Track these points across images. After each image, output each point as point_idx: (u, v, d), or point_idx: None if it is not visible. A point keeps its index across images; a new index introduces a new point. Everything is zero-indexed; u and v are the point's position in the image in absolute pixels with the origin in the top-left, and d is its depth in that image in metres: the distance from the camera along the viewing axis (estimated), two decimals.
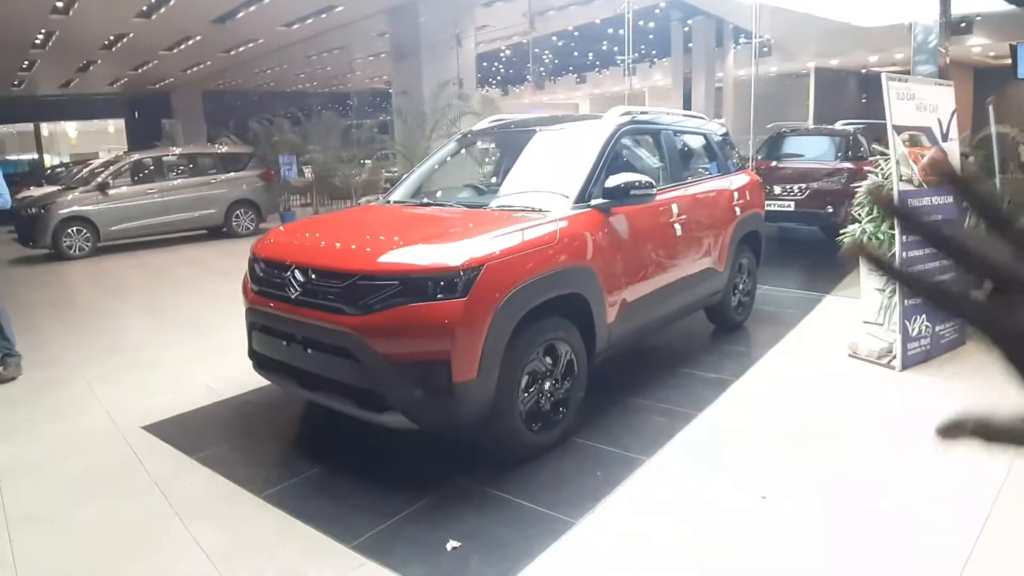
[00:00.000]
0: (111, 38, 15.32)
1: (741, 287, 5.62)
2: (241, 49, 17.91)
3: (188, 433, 4.02)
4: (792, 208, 9.25)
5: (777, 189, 9.25)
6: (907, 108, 4.67)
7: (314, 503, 3.16)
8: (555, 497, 3.08)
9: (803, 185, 9.15)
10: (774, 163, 9.86)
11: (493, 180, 4.71)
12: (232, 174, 13.16)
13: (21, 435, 4.13)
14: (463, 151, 5.04)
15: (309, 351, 3.38)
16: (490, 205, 3.91)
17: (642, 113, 4.70)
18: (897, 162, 4.47)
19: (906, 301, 4.50)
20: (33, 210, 11.45)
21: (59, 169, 19.09)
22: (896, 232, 4.47)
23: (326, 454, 3.71)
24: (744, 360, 4.86)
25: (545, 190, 3.91)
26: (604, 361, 3.95)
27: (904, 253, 4.48)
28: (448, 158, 4.99)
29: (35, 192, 13.07)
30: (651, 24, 17.53)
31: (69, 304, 8.01)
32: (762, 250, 5.95)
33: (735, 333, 5.53)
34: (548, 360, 3.44)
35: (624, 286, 3.93)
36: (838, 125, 10.60)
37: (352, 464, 3.57)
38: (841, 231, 5.52)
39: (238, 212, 13.14)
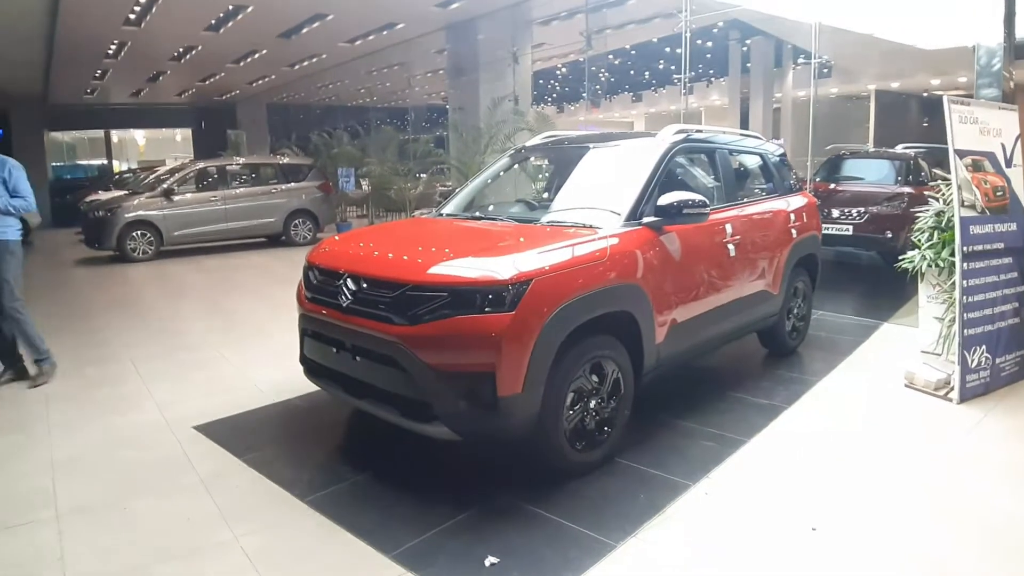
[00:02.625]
0: (180, 50, 15.93)
1: (796, 311, 5.49)
2: (304, 63, 18.41)
3: (237, 434, 4.12)
4: (850, 232, 9.01)
5: (835, 212, 9.04)
6: (970, 132, 4.52)
7: (357, 510, 3.19)
8: (597, 518, 3.04)
9: (862, 209, 8.92)
10: (832, 185, 9.64)
11: (545, 196, 4.72)
12: (292, 184, 13.52)
13: (77, 429, 4.29)
14: (516, 166, 5.06)
15: (358, 359, 3.43)
16: (541, 220, 3.91)
17: (697, 131, 4.65)
18: (959, 187, 4.31)
19: (966, 331, 4.32)
20: (100, 213, 11.98)
21: (127, 175, 19.88)
22: (957, 260, 4.30)
23: (371, 461, 3.74)
24: (797, 387, 4.73)
25: (597, 207, 3.89)
26: (652, 381, 3.89)
27: (965, 281, 4.31)
28: (501, 173, 5.02)
29: (102, 196, 13.65)
30: (709, 43, 17.40)
31: (130, 304, 8.29)
32: (819, 274, 5.81)
33: (788, 358, 5.39)
34: (594, 378, 3.41)
35: (674, 306, 3.87)
36: (899, 148, 10.32)
37: (396, 473, 3.59)
38: (901, 256, 5.35)
39: (296, 222, 13.46)
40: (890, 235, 8.63)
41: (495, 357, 2.95)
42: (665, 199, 3.75)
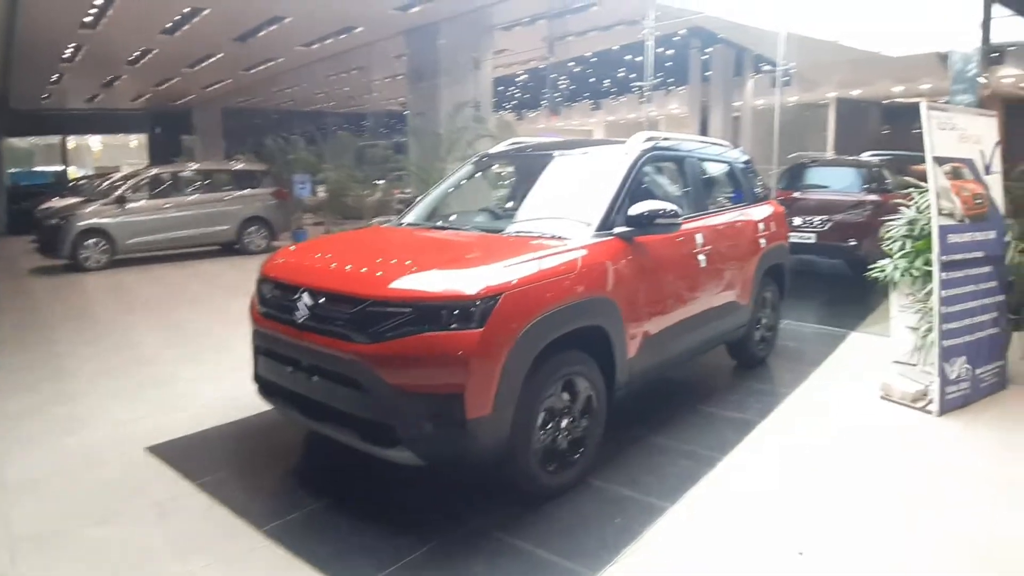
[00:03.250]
0: (137, 53, 15.45)
1: (764, 322, 5.42)
2: (261, 67, 18.02)
3: (192, 456, 3.91)
4: (814, 240, 9.04)
5: (798, 220, 9.04)
6: (949, 139, 4.48)
7: (316, 540, 2.99)
8: (572, 546, 2.88)
9: (825, 217, 8.95)
10: (796, 194, 9.68)
11: (511, 205, 4.56)
12: (246, 191, 13.17)
13: (32, 449, 4.09)
14: (480, 174, 4.89)
15: (315, 379, 3.22)
16: (507, 230, 3.75)
17: (665, 139, 4.55)
18: (937, 195, 4.27)
19: (945, 342, 4.27)
20: (53, 221, 11.54)
21: (82, 181, 19.23)
22: (935, 269, 4.26)
23: (332, 487, 3.54)
24: (769, 399, 4.64)
25: (565, 216, 3.74)
26: (624, 397, 3.76)
27: (944, 291, 4.27)
28: (464, 181, 4.85)
29: (56, 203, 13.14)
30: (669, 52, 17.47)
31: (85, 316, 7.98)
32: (787, 284, 5.75)
33: (757, 370, 5.31)
34: (566, 396, 3.26)
35: (646, 319, 3.74)
36: (864, 156, 10.41)
37: (358, 499, 3.38)
38: (870, 266, 5.32)
39: (251, 229, 13.12)
40: (854, 243, 8.67)
41: (463, 377, 2.77)
42: (636, 208, 3.62)
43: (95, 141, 33.57)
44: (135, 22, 13.09)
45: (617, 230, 3.63)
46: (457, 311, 2.83)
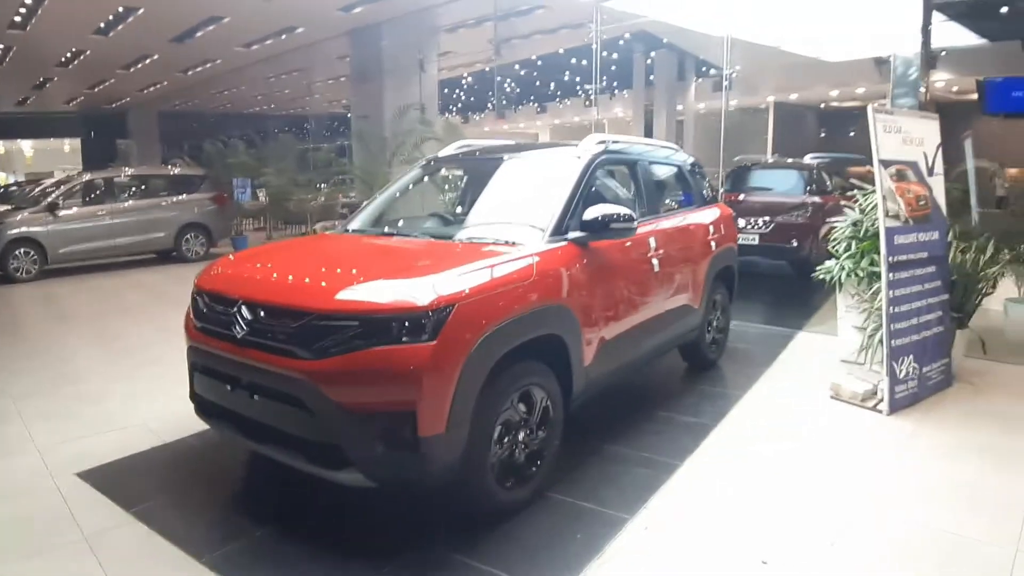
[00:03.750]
0: (68, 55, 14.76)
1: (715, 323, 5.43)
2: (199, 69, 17.45)
3: (126, 481, 3.67)
4: (756, 242, 9.17)
5: (742, 222, 9.15)
6: (894, 141, 4.55)
7: (259, 570, 2.82)
8: (533, 565, 2.77)
9: (768, 219, 9.09)
10: (739, 196, 9.81)
11: (460, 210, 4.44)
12: (183, 196, 12.77)
13: None
14: (427, 178, 4.75)
15: (256, 398, 3.03)
16: (458, 237, 3.62)
17: (616, 142, 4.49)
18: (884, 197, 4.32)
19: (894, 341, 4.32)
20: None
21: (12, 188, 18.29)
22: (883, 270, 4.30)
23: (276, 511, 3.35)
24: (722, 403, 4.63)
25: (518, 222, 3.64)
26: (580, 405, 3.68)
27: (891, 292, 4.32)
28: (412, 185, 4.70)
29: None
30: (614, 55, 17.59)
31: (12, 330, 7.53)
32: (736, 286, 5.78)
33: (710, 372, 5.32)
34: (523, 408, 3.15)
35: (602, 325, 3.67)
36: (807, 159, 10.63)
37: (304, 524, 3.19)
38: (816, 266, 5.39)
39: (188, 236, 12.72)
40: (795, 244, 8.83)
41: (415, 393, 2.63)
42: (591, 213, 3.54)
43: (27, 146, 32.12)
44: (67, 22, 12.56)
45: (571, 235, 3.54)
46: (407, 323, 2.69)
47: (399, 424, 2.66)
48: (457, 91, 23.99)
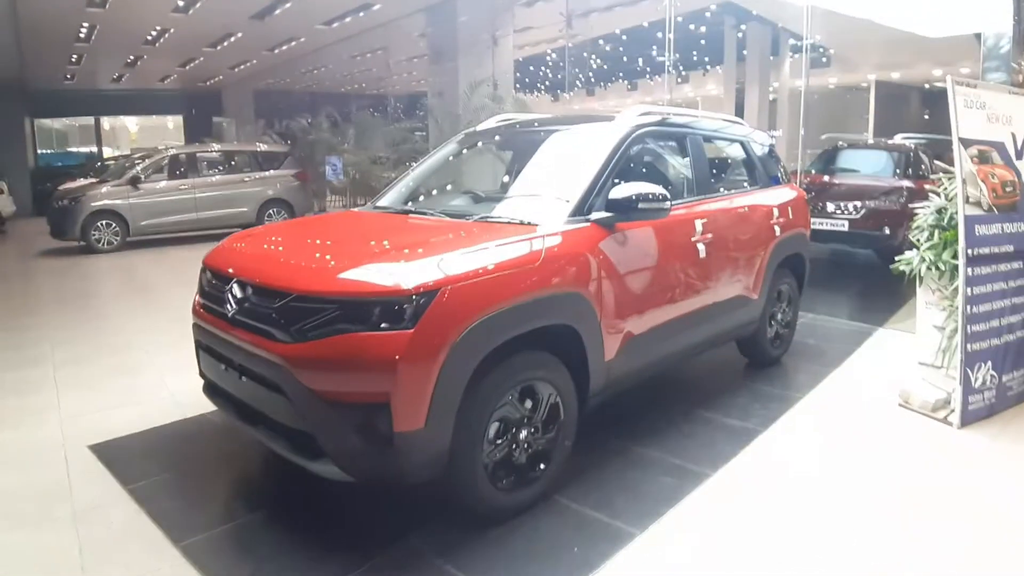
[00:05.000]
0: (153, 33, 15.30)
1: (779, 317, 4.94)
2: (284, 47, 17.78)
3: (134, 456, 3.63)
4: (846, 228, 8.45)
5: (830, 207, 8.48)
6: (977, 119, 3.93)
7: (234, 560, 2.70)
8: None
9: (858, 203, 8.35)
10: (827, 178, 9.08)
11: (488, 186, 4.15)
12: (267, 173, 13.08)
13: None
14: (465, 152, 4.48)
15: (243, 379, 2.88)
16: (475, 215, 3.34)
17: (666, 114, 4.09)
18: (964, 181, 3.74)
19: (970, 346, 3.76)
20: (64, 202, 11.46)
21: (108, 162, 19.31)
22: (960, 264, 3.74)
23: (271, 497, 3.23)
24: (777, 405, 4.18)
25: (540, 200, 3.33)
26: (604, 402, 3.35)
27: (969, 289, 3.75)
28: (448, 160, 4.45)
29: (72, 184, 13.13)
30: (702, 29, 16.71)
31: (77, 299, 7.87)
32: (806, 275, 5.25)
33: (770, 370, 4.84)
34: (527, 403, 2.86)
35: (629, 316, 3.31)
36: (897, 139, 9.74)
37: (295, 512, 3.04)
38: (897, 257, 4.81)
39: (271, 211, 12.99)
40: (888, 232, 8.07)
41: (389, 384, 2.39)
42: (617, 192, 3.18)
43: (132, 122, 33.85)
44: (143, 0, 12.86)
45: (595, 216, 3.20)
46: (385, 308, 2.45)
47: (372, 416, 2.43)
48: (543, 68, 23.53)
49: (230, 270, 3.02)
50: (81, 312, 7.11)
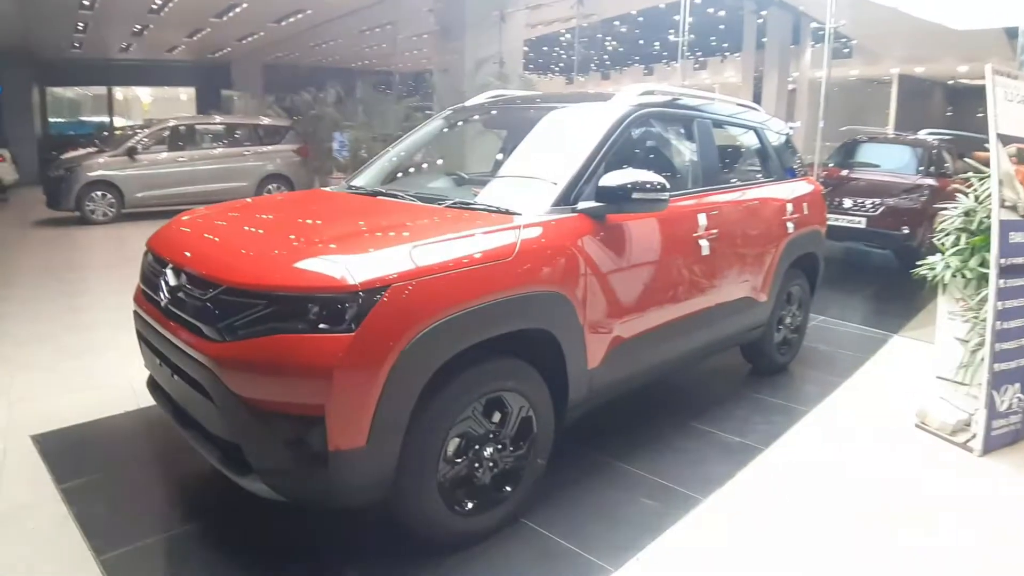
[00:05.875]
0: (157, 2, 14.90)
1: (788, 321, 4.57)
2: (291, 19, 17.35)
3: (76, 450, 3.35)
4: (863, 225, 8.03)
5: (848, 203, 8.07)
6: (1017, 113, 3.51)
7: None
8: None
9: (877, 200, 7.93)
10: (845, 172, 8.66)
11: (471, 168, 3.80)
12: (267, 147, 12.76)
13: None
14: (450, 130, 4.11)
15: (175, 378, 2.55)
16: (449, 201, 2.97)
17: (671, 95, 3.71)
18: (1000, 182, 3.34)
19: (996, 365, 3.38)
20: (59, 172, 11.19)
21: (116, 132, 19.06)
22: (992, 274, 3.35)
23: (208, 506, 2.90)
24: (780, 419, 3.82)
25: (522, 186, 2.98)
26: (587, 413, 3.01)
27: (1000, 303, 3.36)
28: (434, 137, 4.08)
29: (73, 153, 12.85)
30: (721, 13, 16.14)
31: (56, 272, 7.58)
32: (819, 277, 4.87)
33: (776, 378, 4.47)
34: (495, 417, 2.52)
35: (617, 319, 2.96)
36: (920, 134, 9.29)
37: (230, 526, 2.73)
38: (918, 262, 4.43)
39: (270, 187, 12.68)
40: (907, 231, 7.66)
41: (323, 396, 2.04)
42: (608, 179, 2.81)
43: (145, 93, 33.55)
44: None
45: (583, 205, 2.83)
46: (323, 307, 2.10)
47: (305, 431, 2.09)
48: (556, 49, 22.97)
49: (165, 254, 2.68)
50: (59, 285, 6.83)
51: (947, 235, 4.08)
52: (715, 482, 3.08)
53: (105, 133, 19.96)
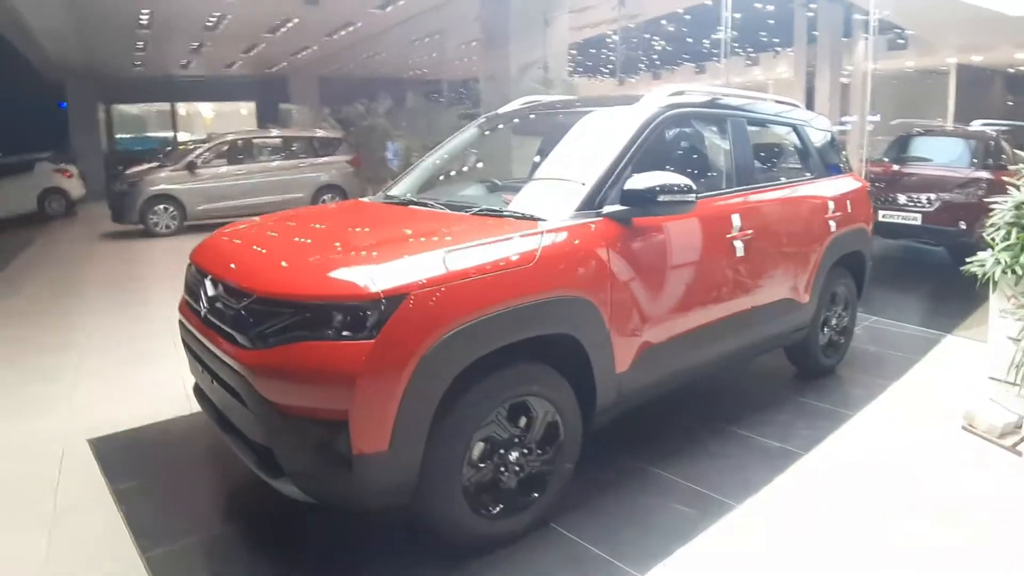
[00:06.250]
0: (212, 20, 15.46)
1: (834, 323, 4.45)
2: (342, 32, 17.76)
3: (129, 453, 3.54)
4: (919, 222, 7.76)
5: (902, 198, 7.81)
6: None
7: None
8: None
9: (933, 195, 7.65)
10: (897, 167, 8.38)
11: (505, 174, 3.83)
12: (322, 159, 13.08)
13: None
14: (484, 137, 4.15)
15: (214, 384, 2.66)
16: (477, 208, 3.01)
17: (701, 94, 3.68)
18: None
19: None
20: (123, 186, 11.71)
21: (180, 147, 19.82)
22: None
23: (248, 508, 3.01)
24: (824, 423, 3.72)
25: (548, 191, 3.00)
26: (617, 417, 3.00)
27: None
28: (469, 145, 4.15)
29: (137, 168, 13.45)
30: (769, 7, 15.79)
31: (123, 283, 8.02)
32: (867, 276, 4.73)
33: (822, 381, 4.35)
34: (522, 422, 2.54)
35: (646, 324, 2.95)
36: (975, 125, 8.92)
37: (268, 527, 2.84)
38: (968, 259, 4.27)
39: (325, 197, 12.99)
40: (964, 227, 7.36)
41: (346, 401, 2.11)
42: (634, 182, 2.80)
43: (207, 108, 34.78)
44: None
45: (608, 209, 2.84)
46: (345, 315, 2.17)
47: (330, 435, 2.16)
48: (603, 51, 22.87)
49: (205, 266, 2.81)
50: (122, 296, 7.19)
51: (997, 229, 3.93)
52: (751, 488, 3.02)
53: (168, 148, 20.78)
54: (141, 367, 4.84)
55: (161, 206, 11.53)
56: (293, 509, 2.83)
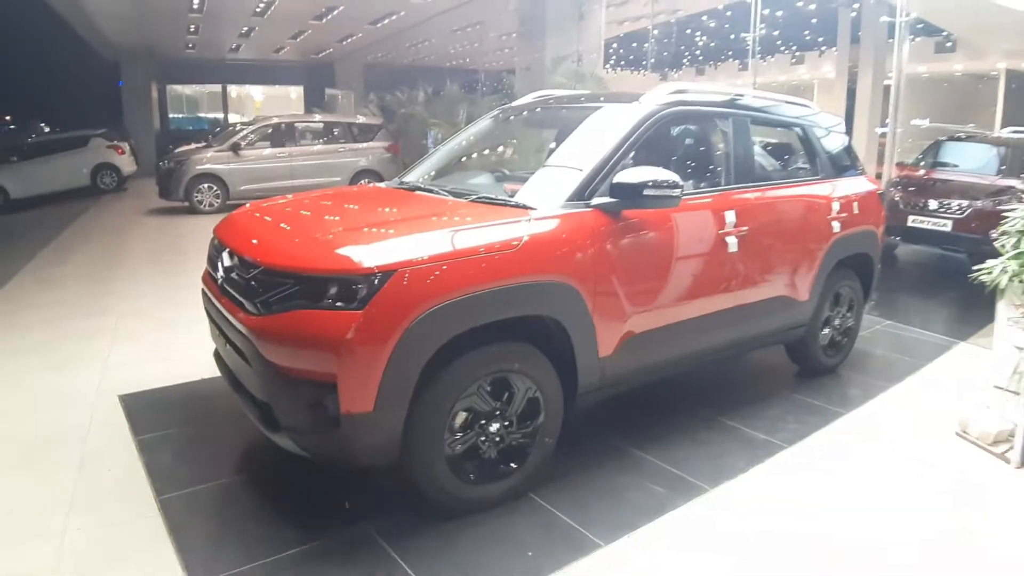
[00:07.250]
0: (260, 5, 15.89)
1: (837, 323, 4.52)
2: (386, 21, 18.08)
3: (155, 409, 3.83)
4: (949, 229, 7.69)
5: (933, 204, 7.75)
6: None
7: (202, 519, 2.80)
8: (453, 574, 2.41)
9: (964, 202, 7.57)
10: (926, 172, 8.31)
11: (512, 164, 4.01)
12: (360, 144, 13.41)
13: (8, 385, 4.19)
14: (497, 129, 4.34)
15: (227, 347, 2.92)
16: (476, 195, 3.20)
17: (701, 92, 3.79)
18: None
19: None
20: (169, 165, 12.21)
21: (229, 128, 20.44)
22: None
23: (259, 460, 3.29)
24: (813, 419, 3.81)
25: (542, 181, 3.18)
26: (598, 402, 3.17)
27: None
28: (482, 135, 4.33)
29: (185, 148, 13.95)
30: (811, 6, 15.56)
31: (164, 254, 8.42)
32: (874, 278, 4.78)
33: (820, 380, 4.42)
34: (497, 397, 2.74)
35: (630, 312, 3.10)
36: (1005, 132, 8.76)
37: (273, 479, 3.12)
38: (975, 266, 4.30)
39: (362, 181, 13.28)
40: (995, 236, 7.28)
41: (334, 365, 2.35)
42: (622, 176, 2.96)
43: (257, 91, 35.61)
44: None
45: (596, 201, 3.00)
46: (338, 287, 2.40)
47: (321, 395, 2.40)
48: (646, 46, 22.77)
49: (225, 239, 3.06)
50: (162, 266, 7.58)
51: (1008, 237, 3.94)
52: (726, 475, 3.15)
53: (217, 129, 21.42)
54: (173, 332, 5.16)
55: (205, 184, 11.98)
56: (296, 465, 3.10)
